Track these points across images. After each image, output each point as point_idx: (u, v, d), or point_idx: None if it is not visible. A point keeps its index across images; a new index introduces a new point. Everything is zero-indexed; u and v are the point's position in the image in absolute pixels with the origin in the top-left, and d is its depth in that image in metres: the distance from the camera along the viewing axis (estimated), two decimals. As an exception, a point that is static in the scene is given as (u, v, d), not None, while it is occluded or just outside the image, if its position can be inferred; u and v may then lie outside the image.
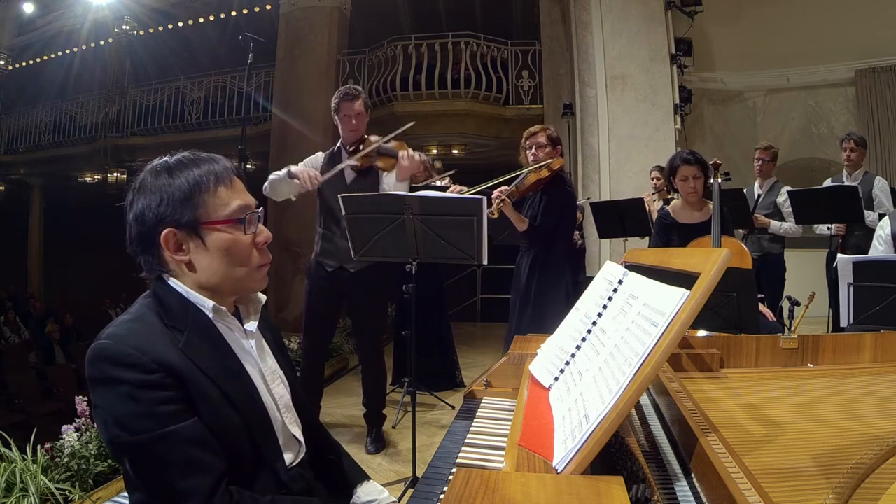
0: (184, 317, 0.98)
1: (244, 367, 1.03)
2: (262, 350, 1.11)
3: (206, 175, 1.00)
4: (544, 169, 3.01)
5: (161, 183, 0.98)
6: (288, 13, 8.31)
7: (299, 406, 1.15)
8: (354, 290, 3.00)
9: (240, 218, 1.01)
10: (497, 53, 8.25)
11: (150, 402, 0.89)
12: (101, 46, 11.29)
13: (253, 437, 0.99)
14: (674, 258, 1.18)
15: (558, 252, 3.05)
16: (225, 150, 9.78)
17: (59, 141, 11.43)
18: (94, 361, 0.92)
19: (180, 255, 0.99)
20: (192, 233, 0.99)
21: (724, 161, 3.43)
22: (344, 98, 2.90)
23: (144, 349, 0.91)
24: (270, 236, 1.06)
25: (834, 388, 1.24)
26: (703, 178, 2.99)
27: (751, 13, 7.10)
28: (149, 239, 0.99)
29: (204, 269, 1.00)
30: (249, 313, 1.11)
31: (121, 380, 0.89)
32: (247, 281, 1.04)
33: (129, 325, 0.96)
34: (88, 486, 2.30)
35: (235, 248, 1.01)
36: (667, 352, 0.83)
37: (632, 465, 0.89)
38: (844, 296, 2.22)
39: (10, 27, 12.38)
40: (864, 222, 3.80)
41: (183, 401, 0.92)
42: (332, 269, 2.99)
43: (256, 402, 1.02)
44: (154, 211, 0.97)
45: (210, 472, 0.90)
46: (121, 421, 0.89)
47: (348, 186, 2.95)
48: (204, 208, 0.98)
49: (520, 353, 1.55)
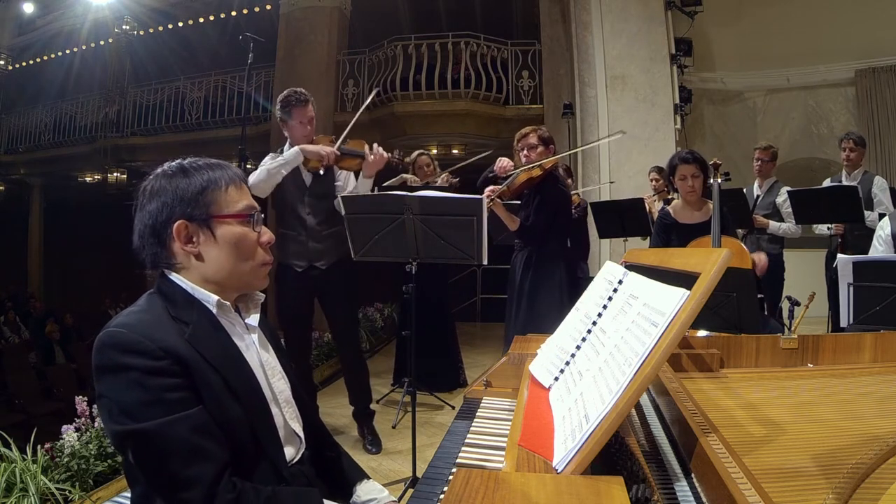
0: (189, 310, 1.02)
1: (246, 360, 1.06)
2: (264, 345, 1.14)
3: (218, 176, 1.07)
4: (536, 168, 3.02)
5: (177, 181, 1.05)
6: (288, 13, 8.31)
7: (300, 403, 1.17)
8: (327, 287, 3.03)
9: (249, 214, 1.07)
10: (497, 53, 8.25)
11: (158, 388, 0.91)
12: (101, 46, 11.28)
13: (254, 428, 1.01)
14: (674, 258, 1.18)
15: (552, 251, 3.07)
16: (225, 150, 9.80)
17: (59, 141, 11.43)
18: (102, 349, 0.94)
19: (190, 246, 1.04)
20: (204, 225, 1.04)
21: (724, 161, 3.43)
22: (297, 104, 2.91)
23: (153, 337, 0.94)
24: (273, 237, 1.12)
25: (834, 388, 1.24)
26: (703, 177, 3.00)
27: (751, 13, 7.10)
28: (162, 231, 1.04)
29: (212, 261, 1.05)
30: (249, 309, 1.14)
31: (129, 366, 0.91)
32: (250, 277, 1.09)
33: (138, 315, 0.99)
34: (88, 486, 2.30)
35: (243, 243, 1.06)
36: (667, 352, 0.83)
37: (632, 465, 0.89)
38: (844, 296, 2.22)
39: (10, 27, 12.38)
40: (864, 222, 3.80)
41: (189, 389, 0.94)
42: (302, 268, 3.00)
43: (258, 395, 1.04)
44: (169, 205, 1.03)
45: (213, 461, 0.91)
46: (127, 409, 0.91)
47: (308, 187, 2.99)
48: (216, 204, 1.05)
49: (520, 353, 1.55)
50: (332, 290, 3.05)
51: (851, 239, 3.97)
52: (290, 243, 3.01)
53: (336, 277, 3.02)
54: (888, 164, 6.60)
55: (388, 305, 6.77)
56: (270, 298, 6.30)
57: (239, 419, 0.98)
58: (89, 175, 11.85)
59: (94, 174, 11.71)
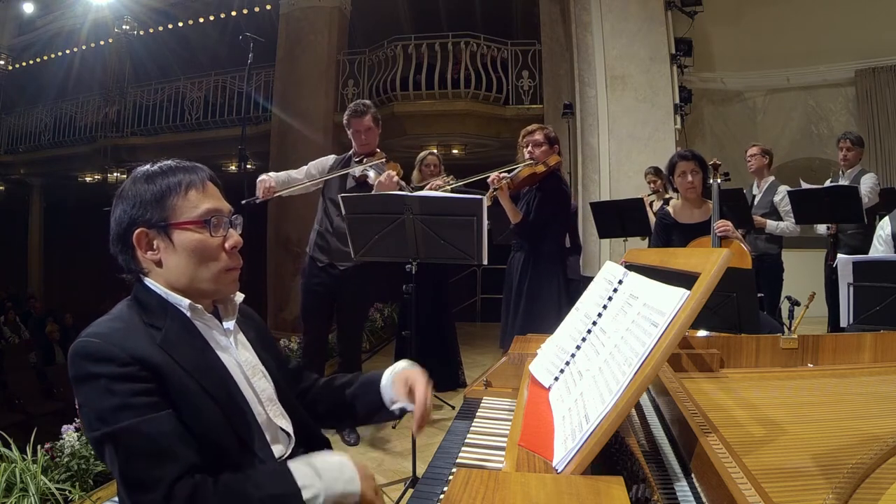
0: (162, 315, 1.03)
1: (221, 361, 1.07)
2: (241, 345, 1.15)
3: (178, 181, 1.06)
4: (540, 165, 3.04)
5: (138, 188, 1.06)
6: (288, 13, 8.31)
7: (287, 402, 1.17)
8: (343, 288, 3.13)
9: (206, 219, 1.06)
10: (497, 53, 8.24)
11: (125, 393, 0.92)
12: (101, 46, 11.27)
13: (235, 429, 1.01)
14: (674, 258, 1.19)
15: (550, 250, 3.08)
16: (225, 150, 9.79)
17: (59, 141, 11.42)
18: (73, 359, 0.96)
19: (151, 253, 1.05)
20: (162, 232, 1.04)
21: (724, 161, 3.44)
22: (353, 115, 3.07)
23: (122, 345, 0.95)
24: (240, 241, 1.10)
25: (834, 388, 1.24)
26: (702, 174, 3.01)
27: (751, 13, 7.10)
28: (125, 239, 1.06)
29: (171, 268, 1.06)
30: (228, 312, 1.15)
31: (98, 374, 0.93)
32: (213, 283, 1.08)
33: (108, 323, 1.01)
34: (88, 486, 2.30)
35: (202, 249, 1.05)
36: (667, 352, 0.83)
37: (632, 465, 0.89)
38: (844, 296, 2.22)
39: (10, 27, 12.37)
40: (865, 222, 3.79)
41: (158, 394, 0.95)
42: (323, 264, 3.13)
43: (233, 396, 1.04)
44: (129, 213, 1.05)
45: (177, 463, 0.91)
46: (101, 415, 0.92)
47: (348, 191, 3.08)
48: (173, 210, 1.05)
49: (520, 353, 1.55)
50: (347, 294, 3.16)
51: (844, 238, 3.98)
52: (319, 239, 3.17)
53: (353, 283, 3.13)
54: (888, 164, 6.60)
55: (388, 305, 6.77)
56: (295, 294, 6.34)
57: (217, 420, 0.99)
58: (89, 175, 11.84)
59: (94, 174, 11.69)
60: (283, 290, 7.62)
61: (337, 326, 3.38)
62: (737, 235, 2.87)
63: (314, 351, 3.20)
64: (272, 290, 7.85)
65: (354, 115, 3.06)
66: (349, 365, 3.25)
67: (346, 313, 3.24)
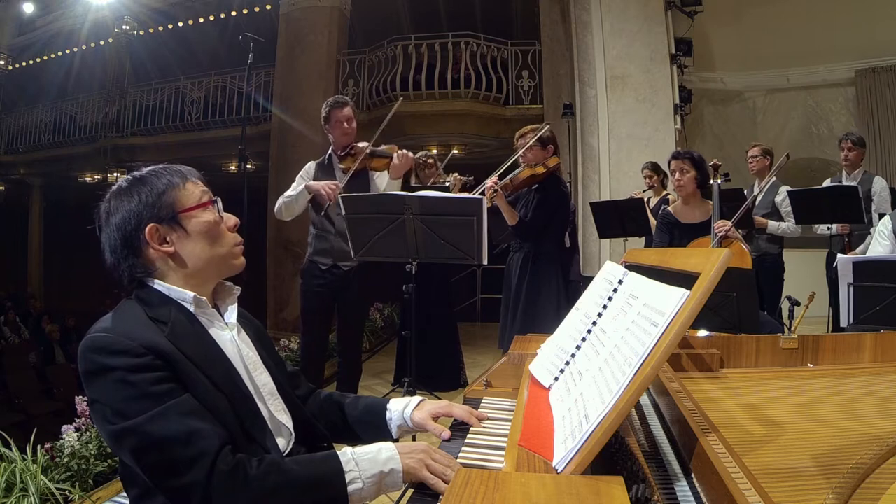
0: (166, 310, 1.04)
1: (225, 354, 1.07)
2: (243, 340, 1.16)
3: (173, 176, 1.10)
4: (540, 166, 3.05)
5: (136, 190, 1.08)
6: (288, 13, 8.30)
7: (287, 398, 1.18)
8: (346, 289, 3.11)
9: (212, 201, 1.12)
10: (497, 53, 8.24)
11: (143, 383, 0.92)
12: (101, 46, 11.28)
13: (241, 419, 1.02)
14: (674, 258, 1.19)
15: (549, 251, 3.09)
16: (225, 149, 9.78)
17: (59, 141, 11.41)
18: (85, 354, 0.96)
19: (166, 246, 1.07)
20: (173, 223, 1.07)
21: (724, 161, 3.44)
22: (334, 106, 3.09)
23: (132, 336, 0.96)
24: (238, 220, 1.16)
25: (834, 388, 1.24)
26: (693, 173, 3.02)
27: (751, 13, 7.09)
28: (133, 241, 1.06)
29: (189, 255, 1.08)
30: (227, 304, 1.17)
31: (112, 367, 0.93)
32: (229, 258, 1.13)
33: (116, 319, 1.02)
34: (88, 486, 2.30)
35: (214, 229, 1.10)
36: (667, 352, 0.83)
37: (632, 465, 0.89)
38: (844, 296, 2.22)
39: (10, 27, 12.38)
40: (864, 222, 3.79)
41: (174, 380, 0.95)
42: (326, 266, 3.09)
43: (239, 387, 1.05)
44: (135, 214, 1.06)
45: (212, 438, 0.92)
46: (118, 408, 0.92)
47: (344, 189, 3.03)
48: (178, 201, 1.08)
49: (520, 353, 1.55)
50: (350, 293, 3.14)
51: (853, 239, 3.96)
52: (319, 241, 3.13)
53: (357, 283, 3.12)
54: (888, 164, 6.60)
55: (388, 305, 6.77)
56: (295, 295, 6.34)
57: (226, 411, 0.99)
58: (89, 175, 11.83)
59: (94, 174, 11.69)
60: (283, 291, 7.62)
61: (338, 327, 3.38)
62: (737, 235, 2.88)
63: (314, 352, 3.18)
64: (272, 291, 7.85)
65: (336, 105, 3.08)
66: (349, 365, 3.24)
67: (348, 313, 3.23)
